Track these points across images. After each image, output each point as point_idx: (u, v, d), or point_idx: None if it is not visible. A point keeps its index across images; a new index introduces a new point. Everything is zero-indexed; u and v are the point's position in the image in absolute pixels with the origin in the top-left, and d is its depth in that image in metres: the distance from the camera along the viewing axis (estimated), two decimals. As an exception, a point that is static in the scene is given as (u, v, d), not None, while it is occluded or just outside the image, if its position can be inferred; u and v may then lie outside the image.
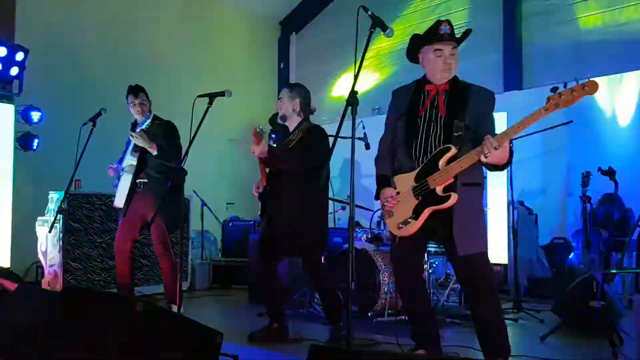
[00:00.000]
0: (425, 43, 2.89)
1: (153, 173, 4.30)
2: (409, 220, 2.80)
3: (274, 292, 3.94)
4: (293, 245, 3.73)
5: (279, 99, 3.96)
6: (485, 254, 2.80)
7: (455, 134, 2.73)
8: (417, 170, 2.81)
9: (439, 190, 2.72)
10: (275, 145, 3.97)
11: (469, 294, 2.90)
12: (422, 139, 2.84)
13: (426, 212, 2.76)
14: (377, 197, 3.03)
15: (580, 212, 5.30)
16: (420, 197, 2.78)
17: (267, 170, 3.92)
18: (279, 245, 3.78)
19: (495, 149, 2.48)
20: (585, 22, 6.48)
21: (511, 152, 2.64)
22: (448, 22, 2.85)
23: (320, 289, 4.01)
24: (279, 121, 3.97)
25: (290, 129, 3.90)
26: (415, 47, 2.94)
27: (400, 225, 2.84)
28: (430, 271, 4.70)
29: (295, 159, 3.70)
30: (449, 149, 2.72)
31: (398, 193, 2.88)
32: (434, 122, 2.83)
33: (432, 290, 4.71)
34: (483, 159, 2.54)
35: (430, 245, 4.49)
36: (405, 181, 2.85)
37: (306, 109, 3.91)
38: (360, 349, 3.17)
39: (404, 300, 3.08)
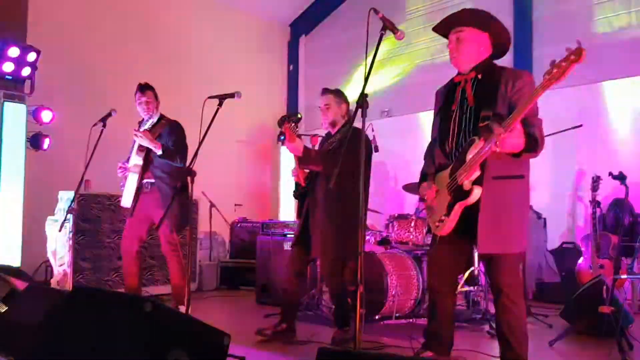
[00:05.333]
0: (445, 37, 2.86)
1: (159, 173, 4.30)
2: (443, 218, 2.70)
3: (296, 292, 3.95)
4: (319, 245, 3.73)
5: (325, 104, 3.90)
6: (512, 256, 2.63)
7: (481, 124, 2.56)
8: (451, 166, 2.71)
9: (466, 185, 2.59)
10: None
11: (493, 296, 2.75)
12: (454, 133, 2.74)
13: (457, 209, 2.63)
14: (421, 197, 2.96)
15: (590, 217, 5.27)
16: (452, 194, 2.67)
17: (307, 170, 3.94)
18: (312, 246, 3.79)
19: (501, 135, 2.31)
20: (597, 25, 6.44)
21: (534, 139, 2.46)
22: (462, 10, 2.81)
23: (331, 292, 4.00)
24: (328, 128, 3.96)
25: (333, 132, 3.93)
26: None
27: (437, 224, 2.75)
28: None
29: (326, 162, 3.68)
30: (474, 141, 2.57)
31: (437, 191, 2.81)
32: (465, 114, 2.72)
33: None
34: (495, 148, 2.37)
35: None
36: (443, 178, 2.76)
37: (349, 112, 3.93)
38: (367, 352, 3.16)
39: (429, 299, 3.01)
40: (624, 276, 4.74)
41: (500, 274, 2.64)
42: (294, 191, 4.01)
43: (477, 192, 2.56)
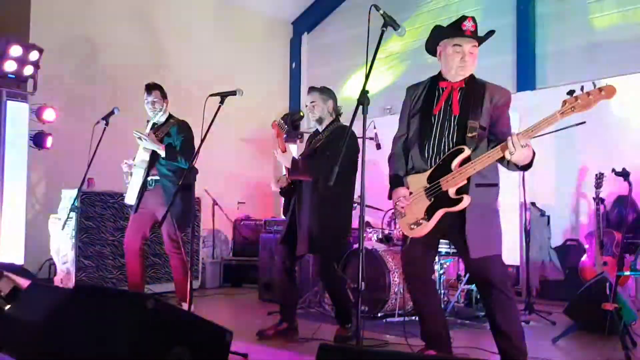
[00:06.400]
0: (446, 36, 2.82)
1: (164, 170, 4.30)
2: (421, 221, 2.74)
3: (290, 291, 3.96)
4: (307, 243, 3.74)
5: (312, 102, 3.93)
6: (499, 256, 2.74)
7: (470, 135, 2.66)
8: (429, 171, 2.74)
9: (451, 192, 2.65)
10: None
11: (483, 297, 2.84)
12: (435, 139, 2.77)
13: (439, 214, 2.69)
14: (390, 196, 2.96)
15: (594, 214, 5.25)
16: (432, 199, 2.71)
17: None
18: (298, 244, 3.79)
19: (522, 146, 2.44)
20: (599, 22, 6.42)
21: (534, 153, 2.58)
22: (473, 18, 2.79)
23: (327, 289, 4.04)
24: (315, 125, 3.98)
25: (321, 129, 3.94)
26: (436, 39, 2.87)
27: (412, 226, 2.78)
28: (440, 272, 4.68)
29: (312, 170, 3.72)
30: (462, 150, 2.65)
31: (411, 193, 2.82)
32: (448, 121, 2.76)
33: (442, 292, 4.70)
34: (508, 156, 2.48)
35: (441, 245, 4.44)
36: (418, 181, 2.79)
37: (336, 108, 3.95)
38: (369, 349, 3.16)
39: (414, 301, 3.04)
40: (627, 273, 4.72)
41: (492, 273, 2.71)
42: (280, 188, 4.02)
43: (466, 200, 2.63)
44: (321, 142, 3.84)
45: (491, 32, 2.85)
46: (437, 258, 4.49)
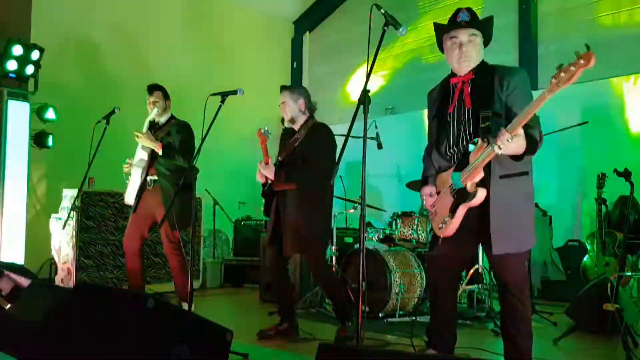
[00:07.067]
0: (445, 31, 2.79)
1: (163, 170, 4.30)
2: (447, 219, 2.69)
3: (285, 291, 3.95)
4: (296, 243, 3.73)
5: (282, 103, 3.90)
6: (521, 254, 2.65)
7: (482, 125, 2.57)
8: (452, 168, 2.71)
9: (469, 186, 2.58)
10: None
11: (500, 294, 2.76)
12: (454, 136, 2.74)
13: (461, 210, 2.62)
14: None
15: (595, 214, 5.24)
16: (455, 195, 2.66)
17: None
18: (285, 244, 3.78)
19: (508, 141, 2.32)
20: (602, 22, 6.40)
21: (535, 140, 2.48)
22: (468, 8, 2.75)
23: (322, 287, 4.03)
24: (288, 124, 3.96)
25: (297, 128, 3.91)
26: (439, 36, 2.84)
27: (441, 225, 2.74)
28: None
29: (298, 180, 3.72)
30: (477, 143, 2.56)
31: (439, 193, 2.79)
32: (464, 115, 2.71)
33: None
34: (498, 151, 2.37)
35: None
36: (444, 180, 2.76)
37: (310, 105, 3.92)
38: (369, 348, 3.15)
39: (431, 296, 3.01)
40: (629, 273, 4.71)
41: (508, 272, 2.65)
42: (262, 191, 4.02)
43: (481, 194, 2.56)
44: (299, 141, 3.81)
45: (489, 18, 2.81)
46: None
